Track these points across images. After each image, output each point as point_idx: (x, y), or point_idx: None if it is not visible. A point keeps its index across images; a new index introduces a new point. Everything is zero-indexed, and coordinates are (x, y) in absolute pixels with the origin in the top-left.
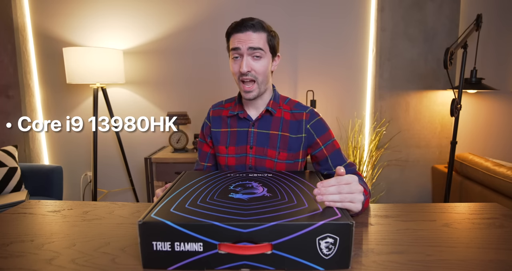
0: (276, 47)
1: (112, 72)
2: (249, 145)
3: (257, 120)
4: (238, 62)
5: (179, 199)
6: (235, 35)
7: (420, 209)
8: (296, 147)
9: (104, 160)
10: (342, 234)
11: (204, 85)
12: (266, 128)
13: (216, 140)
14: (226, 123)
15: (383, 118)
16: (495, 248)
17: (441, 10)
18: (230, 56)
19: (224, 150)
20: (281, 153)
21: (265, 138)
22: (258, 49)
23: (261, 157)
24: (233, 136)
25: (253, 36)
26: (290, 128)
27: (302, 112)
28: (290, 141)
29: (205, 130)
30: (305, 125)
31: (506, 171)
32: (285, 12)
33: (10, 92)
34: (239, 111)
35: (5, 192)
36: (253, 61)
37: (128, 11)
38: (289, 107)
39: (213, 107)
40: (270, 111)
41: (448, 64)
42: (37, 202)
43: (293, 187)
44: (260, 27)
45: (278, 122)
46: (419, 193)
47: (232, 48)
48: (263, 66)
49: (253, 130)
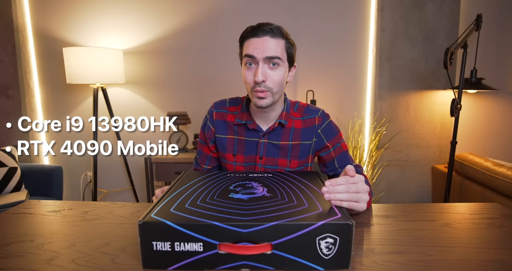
0: (293, 57)
1: (112, 72)
2: (259, 155)
3: (268, 132)
4: (252, 70)
5: (179, 199)
6: (250, 40)
7: (420, 209)
8: (306, 153)
9: (104, 160)
10: (342, 234)
11: (204, 85)
12: (277, 140)
13: (222, 146)
14: (233, 130)
15: (383, 118)
16: (495, 248)
17: (441, 10)
18: (243, 63)
19: (231, 157)
20: (292, 161)
21: (275, 149)
22: (275, 58)
23: (272, 166)
24: (241, 144)
25: (271, 42)
26: (302, 136)
27: (314, 116)
28: (301, 148)
29: (208, 134)
30: (317, 130)
31: (506, 171)
32: (285, 11)
33: (10, 92)
34: (247, 121)
35: (5, 192)
36: (269, 69)
37: (128, 11)
38: (299, 114)
39: (215, 108)
40: (281, 124)
41: (448, 64)
42: (37, 202)
43: (293, 187)
44: (279, 33)
45: (289, 133)
46: (419, 193)
47: (246, 55)
48: (279, 76)
49: (263, 141)
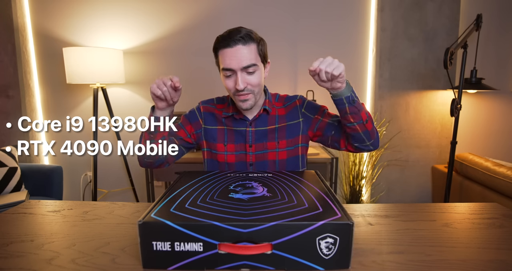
0: (266, 55)
1: (112, 72)
2: (248, 143)
3: (254, 119)
4: (232, 78)
5: (179, 199)
6: (224, 51)
7: (420, 209)
8: (294, 132)
9: (104, 160)
10: (342, 234)
11: (204, 85)
12: (263, 126)
13: (212, 137)
14: (221, 122)
15: (383, 118)
16: (495, 248)
17: (441, 10)
18: (222, 74)
19: (222, 147)
20: (280, 141)
21: (263, 134)
22: (251, 66)
23: (262, 151)
24: (230, 134)
25: (244, 50)
26: (287, 118)
27: (294, 100)
28: (287, 128)
29: (194, 124)
30: (300, 110)
31: (506, 171)
32: (285, 12)
33: (10, 92)
34: (234, 113)
35: (5, 192)
36: (247, 75)
37: (128, 11)
38: (281, 103)
39: (203, 103)
40: (266, 110)
41: (448, 64)
42: (37, 202)
43: (293, 187)
44: (249, 39)
45: (274, 119)
46: (419, 193)
47: (224, 68)
48: (258, 78)
49: (250, 130)
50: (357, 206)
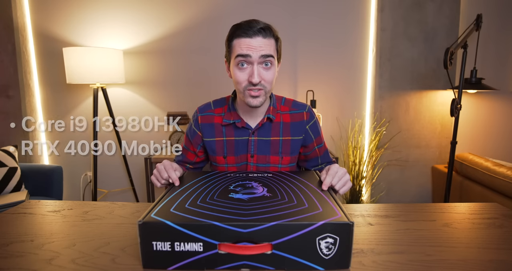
0: (280, 54)
1: (112, 72)
2: (250, 153)
3: (257, 128)
4: (246, 70)
5: (179, 199)
6: (241, 40)
7: (420, 209)
8: (297, 149)
9: (104, 160)
10: (342, 234)
11: (204, 85)
12: (267, 135)
13: (211, 150)
14: (221, 132)
15: (383, 118)
16: (495, 248)
17: (441, 10)
18: (234, 63)
19: (222, 160)
20: (284, 157)
21: (266, 145)
22: (270, 57)
23: (264, 165)
24: (230, 145)
25: (264, 42)
26: (291, 131)
27: (302, 112)
28: (292, 144)
29: (195, 139)
30: (305, 126)
31: (506, 171)
32: (284, 11)
33: (10, 92)
34: (235, 120)
35: (5, 192)
36: (263, 69)
37: (128, 11)
38: (287, 108)
39: (200, 112)
40: (270, 118)
41: (448, 64)
42: (37, 202)
43: (293, 187)
44: (270, 33)
45: (278, 128)
46: (419, 193)
47: (240, 55)
48: (273, 75)
49: (253, 139)
50: (357, 206)
